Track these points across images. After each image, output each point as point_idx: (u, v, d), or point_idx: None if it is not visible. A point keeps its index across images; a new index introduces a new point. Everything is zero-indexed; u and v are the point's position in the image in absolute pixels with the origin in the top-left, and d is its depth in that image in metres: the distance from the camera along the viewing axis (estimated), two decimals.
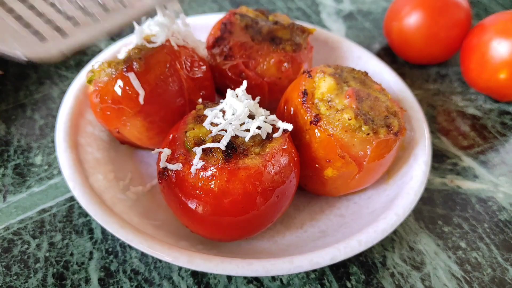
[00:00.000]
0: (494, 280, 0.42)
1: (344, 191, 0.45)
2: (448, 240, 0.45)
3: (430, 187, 0.50)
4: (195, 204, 0.35)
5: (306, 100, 0.41)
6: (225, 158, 0.34)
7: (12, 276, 0.40)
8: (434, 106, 0.61)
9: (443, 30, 0.61)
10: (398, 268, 0.43)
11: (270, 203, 0.36)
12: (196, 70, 0.45)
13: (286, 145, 0.37)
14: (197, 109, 0.40)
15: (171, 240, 0.39)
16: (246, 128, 0.36)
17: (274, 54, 0.48)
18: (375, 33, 0.74)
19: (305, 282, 0.41)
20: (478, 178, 0.52)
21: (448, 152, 0.55)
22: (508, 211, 0.48)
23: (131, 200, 0.43)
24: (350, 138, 0.38)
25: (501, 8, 0.82)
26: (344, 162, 0.39)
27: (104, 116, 0.44)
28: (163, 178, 0.37)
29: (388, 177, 0.46)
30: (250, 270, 0.35)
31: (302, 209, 0.45)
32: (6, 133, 0.53)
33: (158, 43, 0.43)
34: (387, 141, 0.40)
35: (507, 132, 0.58)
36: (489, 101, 0.62)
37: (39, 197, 0.46)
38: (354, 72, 0.45)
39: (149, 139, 0.45)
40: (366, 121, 0.39)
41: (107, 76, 0.42)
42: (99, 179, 0.43)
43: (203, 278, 0.41)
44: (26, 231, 0.43)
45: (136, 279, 0.40)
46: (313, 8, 0.79)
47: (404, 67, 0.67)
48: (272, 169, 0.35)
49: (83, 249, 0.42)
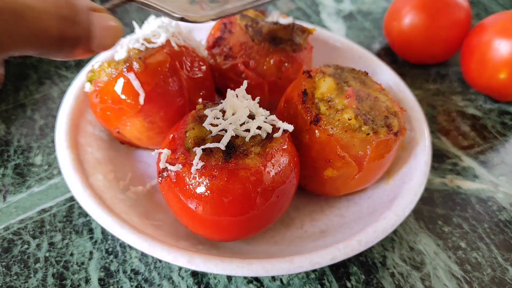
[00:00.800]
0: (494, 280, 0.42)
1: (344, 191, 0.45)
2: (448, 240, 0.45)
3: (430, 187, 0.50)
4: (195, 204, 0.35)
5: (306, 100, 0.41)
6: (225, 158, 0.34)
7: (12, 276, 0.40)
8: (434, 106, 0.61)
9: (443, 30, 0.61)
10: (398, 268, 0.43)
11: (270, 203, 0.36)
12: (196, 70, 0.45)
13: (286, 145, 0.37)
14: (197, 109, 0.40)
15: (171, 240, 0.39)
16: (246, 128, 0.36)
17: (274, 54, 0.48)
18: (375, 33, 0.74)
19: (305, 282, 0.41)
20: (478, 178, 0.52)
21: (448, 152, 0.55)
22: (508, 211, 0.48)
23: (131, 200, 0.43)
24: (350, 138, 0.38)
25: (501, 8, 0.82)
26: (344, 162, 0.39)
27: (104, 116, 0.44)
28: (163, 178, 0.37)
29: (388, 177, 0.46)
30: (250, 270, 0.35)
31: (302, 209, 0.45)
32: (6, 133, 0.53)
33: (158, 44, 0.43)
34: (387, 141, 0.40)
35: (507, 132, 0.58)
36: (489, 101, 0.62)
37: (39, 197, 0.46)
38: (354, 72, 0.45)
39: (149, 139, 0.45)
40: (366, 121, 0.39)
41: (107, 76, 0.42)
42: (99, 179, 0.43)
43: (203, 278, 0.41)
44: (26, 231, 0.43)
45: (136, 279, 0.40)
46: (313, 8, 0.79)
47: (404, 67, 0.67)
48: (272, 169, 0.35)
49: (83, 249, 0.42)
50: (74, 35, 0.26)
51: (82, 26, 0.26)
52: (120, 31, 0.29)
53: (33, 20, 0.23)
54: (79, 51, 0.27)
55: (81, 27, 0.26)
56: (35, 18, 0.23)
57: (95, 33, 0.27)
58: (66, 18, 0.25)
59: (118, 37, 0.29)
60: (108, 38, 0.28)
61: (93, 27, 0.27)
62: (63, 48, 0.26)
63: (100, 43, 0.28)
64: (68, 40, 0.25)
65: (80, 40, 0.26)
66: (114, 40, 0.29)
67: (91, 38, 0.27)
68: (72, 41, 0.26)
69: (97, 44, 0.27)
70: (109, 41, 0.28)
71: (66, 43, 0.25)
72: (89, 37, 0.27)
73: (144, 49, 0.43)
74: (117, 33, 0.29)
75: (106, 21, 0.28)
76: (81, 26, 0.26)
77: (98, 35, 0.27)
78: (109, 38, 0.28)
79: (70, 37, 0.25)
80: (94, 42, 0.27)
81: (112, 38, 0.28)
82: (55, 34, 0.24)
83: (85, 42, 0.27)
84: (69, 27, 0.25)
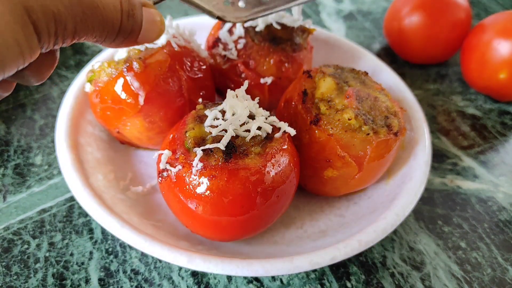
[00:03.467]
0: (494, 280, 0.42)
1: (344, 191, 0.45)
2: (448, 240, 0.45)
3: (430, 187, 0.50)
4: (195, 204, 0.35)
5: (306, 100, 0.41)
6: (225, 158, 0.34)
7: (12, 276, 0.40)
8: (434, 106, 0.61)
9: (443, 30, 0.61)
10: (398, 268, 0.43)
11: (270, 203, 0.36)
12: (196, 70, 0.45)
13: (286, 145, 0.37)
14: (197, 109, 0.40)
15: (171, 240, 0.39)
16: (246, 129, 0.36)
17: (274, 54, 0.48)
18: (375, 33, 0.74)
19: (305, 282, 0.41)
20: (478, 178, 0.52)
21: (448, 152, 0.55)
22: (508, 211, 0.48)
23: (131, 200, 0.43)
24: (350, 138, 0.38)
25: (501, 8, 0.82)
26: (344, 162, 0.39)
27: (104, 116, 0.44)
28: (163, 178, 0.37)
29: (388, 177, 0.46)
30: (250, 270, 0.35)
31: (302, 209, 0.45)
32: (6, 133, 0.53)
33: (158, 44, 0.43)
34: (387, 141, 0.40)
35: (507, 132, 0.58)
36: (489, 101, 0.62)
37: (39, 197, 0.46)
38: (354, 72, 0.45)
39: (149, 139, 0.45)
40: (366, 121, 0.39)
41: (107, 76, 0.42)
42: (99, 179, 0.43)
43: (203, 278, 0.41)
44: (26, 231, 0.43)
45: (136, 279, 0.40)
46: (313, 8, 0.79)
47: (404, 67, 0.67)
48: (272, 169, 0.35)
49: (83, 249, 0.42)
50: (130, 28, 0.29)
51: (136, 20, 0.29)
52: (163, 26, 0.31)
53: (103, 12, 0.26)
54: (127, 42, 0.30)
55: (135, 20, 0.29)
56: (105, 11, 0.26)
57: (143, 27, 0.30)
58: (126, 12, 0.28)
59: (161, 32, 0.31)
60: (154, 33, 0.31)
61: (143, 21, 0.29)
62: (118, 38, 0.28)
63: (145, 36, 0.30)
64: (124, 31, 0.28)
65: (133, 32, 0.29)
66: (158, 35, 0.31)
67: (139, 31, 0.30)
68: (127, 33, 0.29)
69: (142, 37, 0.30)
70: (154, 35, 0.31)
71: (121, 34, 0.28)
72: (139, 30, 0.29)
73: (144, 49, 0.43)
74: (161, 28, 0.31)
75: (153, 16, 0.30)
76: (135, 20, 0.29)
77: (144, 29, 0.30)
78: (154, 33, 0.31)
79: (126, 29, 0.28)
80: (140, 35, 0.30)
81: (156, 32, 0.31)
82: (117, 25, 0.27)
83: (135, 35, 0.29)
84: (128, 20, 0.28)
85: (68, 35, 0.25)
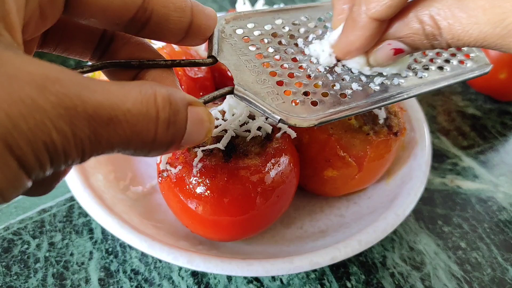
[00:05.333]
0: (494, 280, 0.42)
1: (344, 191, 0.45)
2: (448, 240, 0.45)
3: (430, 187, 0.50)
4: (195, 204, 0.35)
5: None
6: (225, 158, 0.34)
7: (12, 276, 0.40)
8: (434, 106, 0.61)
9: None
10: (398, 268, 0.43)
11: (270, 203, 0.36)
12: (196, 70, 0.45)
13: (286, 145, 0.37)
14: None
15: (171, 240, 0.39)
16: (247, 129, 0.36)
17: None
18: None
19: (305, 282, 0.41)
20: (478, 178, 0.52)
21: (448, 152, 0.55)
22: (508, 211, 0.48)
23: (131, 200, 0.43)
24: (350, 138, 0.38)
25: None
26: (344, 162, 0.39)
27: None
28: (163, 178, 0.37)
29: (388, 177, 0.46)
30: (250, 270, 0.35)
31: (302, 209, 0.45)
32: None
33: (158, 45, 0.43)
34: (387, 141, 0.40)
35: (507, 132, 0.58)
36: (489, 101, 0.62)
37: (39, 197, 0.46)
38: None
39: None
40: (366, 121, 0.39)
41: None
42: (99, 179, 0.43)
43: (203, 278, 0.41)
44: (26, 231, 0.43)
45: (136, 279, 0.40)
46: None
47: None
48: (272, 169, 0.35)
49: (83, 249, 0.42)
50: (169, 139, 0.21)
51: (179, 128, 0.22)
52: (212, 124, 0.24)
53: (125, 126, 0.19)
54: (166, 153, 0.24)
55: (177, 129, 0.22)
56: (129, 124, 0.19)
57: (187, 130, 0.23)
58: (165, 121, 0.21)
59: (210, 133, 0.24)
60: (200, 135, 0.23)
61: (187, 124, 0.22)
62: (152, 152, 0.22)
63: (188, 140, 0.23)
64: (161, 144, 0.21)
65: (173, 144, 0.22)
66: (205, 137, 0.24)
67: (182, 138, 0.22)
68: (165, 145, 0.22)
69: (184, 142, 0.23)
70: (200, 138, 0.24)
71: (157, 148, 0.21)
72: (182, 137, 0.22)
73: None
74: (210, 127, 0.24)
75: (201, 115, 0.23)
76: (177, 128, 0.22)
77: (188, 132, 0.23)
78: (200, 135, 0.23)
79: (164, 141, 0.21)
80: (183, 140, 0.23)
81: (203, 135, 0.24)
82: (149, 138, 0.20)
83: (176, 144, 0.22)
84: (167, 130, 0.21)
85: (72, 159, 0.19)
